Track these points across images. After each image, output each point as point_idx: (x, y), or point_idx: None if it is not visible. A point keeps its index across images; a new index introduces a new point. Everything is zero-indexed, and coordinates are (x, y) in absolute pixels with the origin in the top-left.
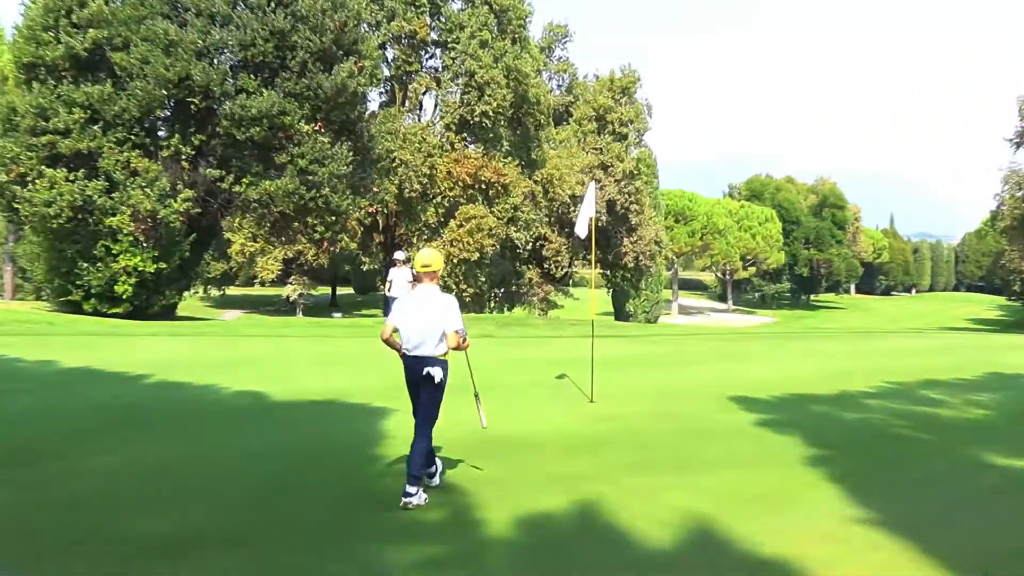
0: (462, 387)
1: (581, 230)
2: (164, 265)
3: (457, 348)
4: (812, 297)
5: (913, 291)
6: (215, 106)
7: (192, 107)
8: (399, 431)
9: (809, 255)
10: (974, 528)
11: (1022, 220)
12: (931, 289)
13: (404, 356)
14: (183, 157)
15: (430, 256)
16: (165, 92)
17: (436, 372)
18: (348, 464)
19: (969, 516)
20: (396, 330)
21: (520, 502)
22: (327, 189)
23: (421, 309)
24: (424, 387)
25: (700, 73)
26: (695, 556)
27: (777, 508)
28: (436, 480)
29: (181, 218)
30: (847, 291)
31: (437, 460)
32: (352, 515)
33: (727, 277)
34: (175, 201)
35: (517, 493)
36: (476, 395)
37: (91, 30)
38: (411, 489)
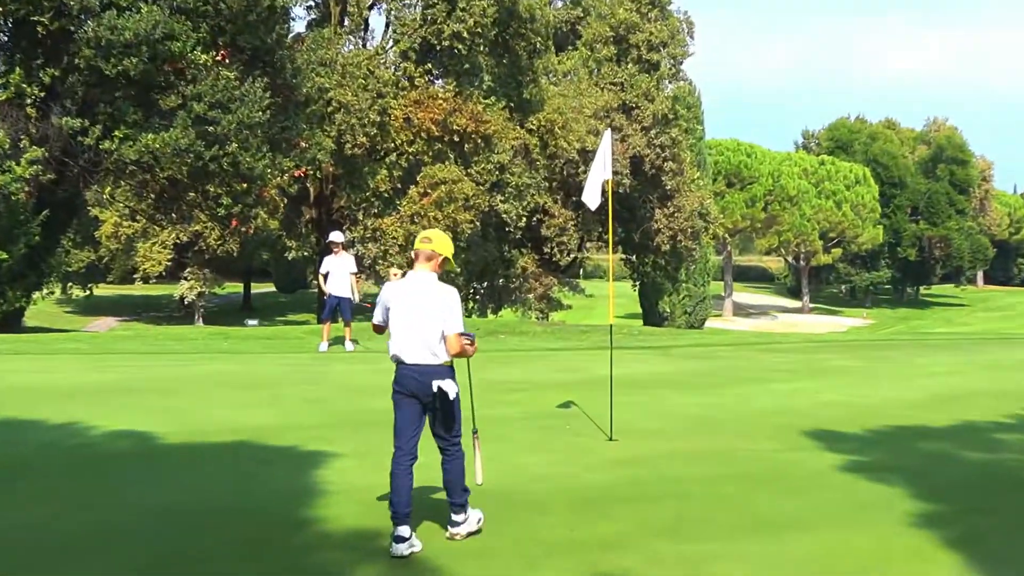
0: None
1: (592, 198)
2: (4, 255)
3: (460, 355)
4: (922, 290)
5: None
6: (72, 28)
7: (40, 30)
8: (337, 483)
9: (918, 231)
10: None
11: None
12: None
13: (399, 367)
14: (28, 101)
15: (434, 233)
16: (1, 9)
17: (450, 387)
18: (268, 531)
19: None
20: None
21: None
22: (235, 144)
23: (413, 301)
24: (434, 405)
25: None
26: None
27: None
28: (400, 548)
29: (27, 188)
30: (972, 281)
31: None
32: None
33: (801, 263)
34: (17, 164)
35: (510, 568)
36: (474, 432)
37: None
38: (457, 517)
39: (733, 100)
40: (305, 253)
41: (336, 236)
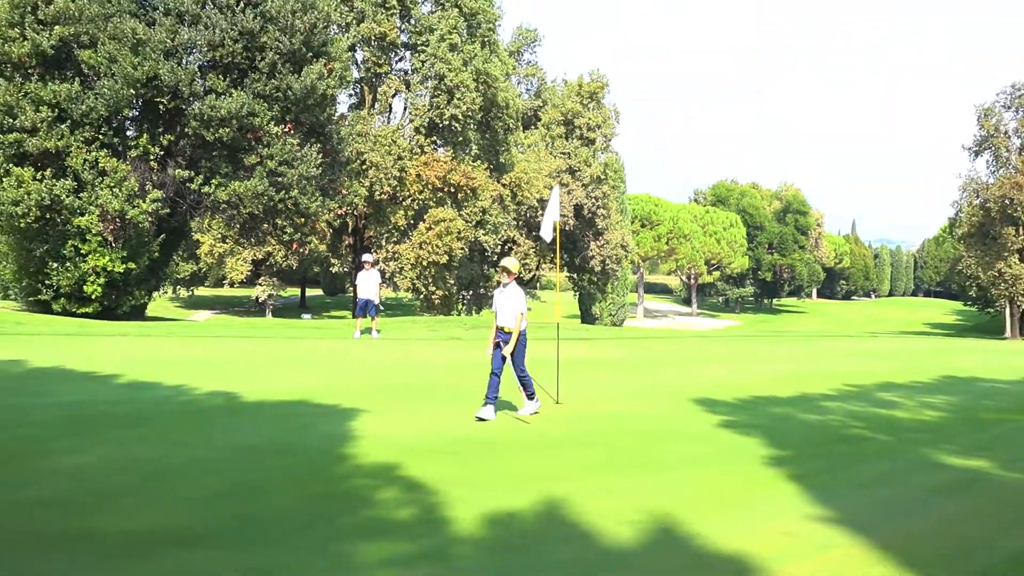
0: (422, 387)
1: (546, 233)
2: (133, 265)
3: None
4: (775, 301)
5: (873, 296)
6: (184, 106)
7: (160, 107)
8: (368, 430)
9: (772, 260)
10: (924, 526)
11: (979, 227)
12: (891, 294)
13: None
14: (151, 157)
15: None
16: (133, 91)
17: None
18: (317, 463)
19: (921, 513)
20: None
21: (487, 501)
22: (296, 191)
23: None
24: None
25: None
26: (658, 553)
27: (738, 507)
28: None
29: (150, 218)
30: (809, 295)
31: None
32: (320, 513)
33: (692, 281)
34: (143, 201)
35: (484, 492)
36: (524, 384)
37: (57, 27)
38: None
39: (647, 163)
40: (344, 268)
41: (367, 257)
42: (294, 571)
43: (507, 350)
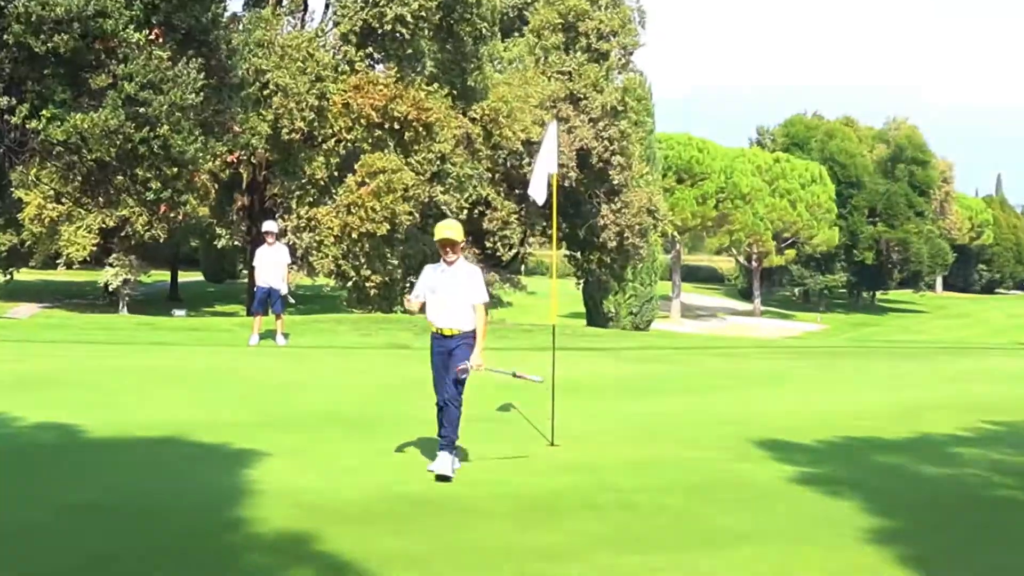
0: (350, 419)
1: (538, 192)
2: None
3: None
4: (879, 295)
5: None
6: (3, 3)
7: None
8: (266, 484)
9: (875, 233)
10: None
11: None
12: None
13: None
14: None
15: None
16: None
17: None
18: (195, 532)
19: None
20: None
21: None
22: (166, 126)
23: None
24: None
25: None
26: None
27: None
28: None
29: None
30: (931, 287)
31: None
32: None
33: (753, 264)
34: None
35: None
36: (514, 373)
37: None
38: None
39: (686, 93)
40: (236, 242)
41: (270, 226)
42: None
43: (475, 361)
